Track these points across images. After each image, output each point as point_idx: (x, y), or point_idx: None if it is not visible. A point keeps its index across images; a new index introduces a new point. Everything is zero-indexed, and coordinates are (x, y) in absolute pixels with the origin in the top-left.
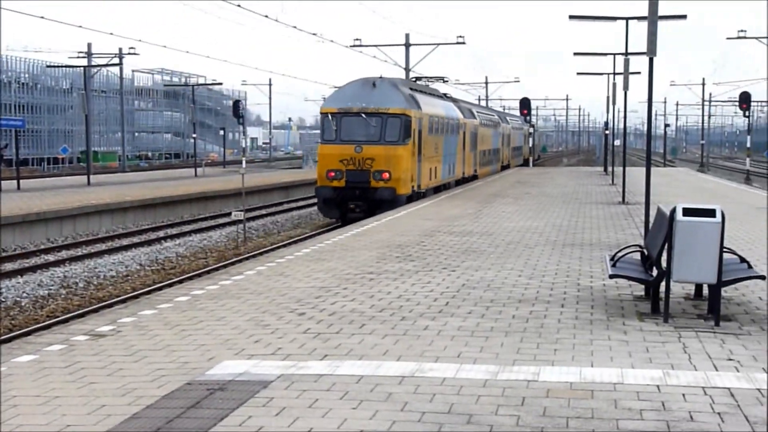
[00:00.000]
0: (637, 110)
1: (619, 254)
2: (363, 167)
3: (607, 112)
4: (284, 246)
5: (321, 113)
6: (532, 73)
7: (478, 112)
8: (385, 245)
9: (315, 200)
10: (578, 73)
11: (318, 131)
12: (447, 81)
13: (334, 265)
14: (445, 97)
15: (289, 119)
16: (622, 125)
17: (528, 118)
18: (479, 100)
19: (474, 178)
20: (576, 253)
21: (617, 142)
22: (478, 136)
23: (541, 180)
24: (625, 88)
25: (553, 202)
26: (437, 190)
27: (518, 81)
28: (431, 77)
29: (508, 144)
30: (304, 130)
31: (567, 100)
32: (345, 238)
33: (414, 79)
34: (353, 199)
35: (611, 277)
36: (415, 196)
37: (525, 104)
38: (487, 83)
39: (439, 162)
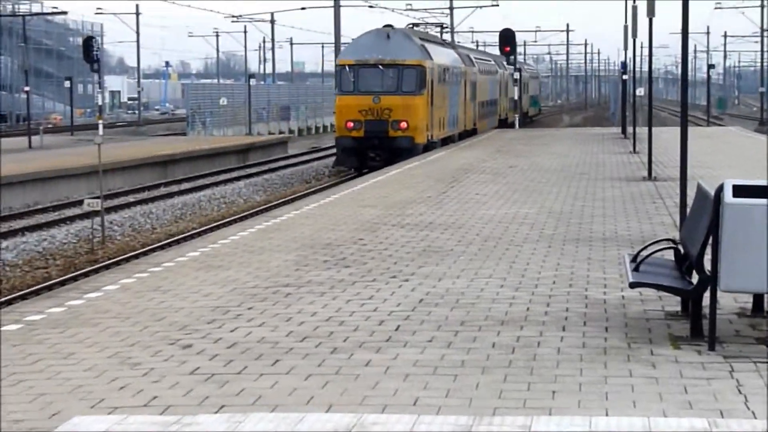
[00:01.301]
0: (668, 45)
1: (644, 253)
2: (381, 117)
3: (625, 48)
4: (161, 248)
5: (337, 65)
6: None
7: (476, 58)
8: (308, 245)
9: (223, 177)
10: None
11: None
12: (446, 27)
13: (235, 275)
14: (446, 44)
15: (167, 64)
16: (646, 67)
17: (512, 57)
18: (441, 32)
19: (474, 132)
20: (582, 251)
21: (640, 92)
22: (477, 86)
23: (532, 148)
24: (650, 13)
25: (550, 178)
26: (445, 142)
27: (497, 5)
28: (430, 23)
29: (506, 94)
30: (188, 80)
31: (567, 31)
32: (249, 235)
33: (411, 26)
34: (372, 148)
35: (633, 285)
36: (430, 146)
37: (507, 38)
38: (452, 9)
39: (446, 113)
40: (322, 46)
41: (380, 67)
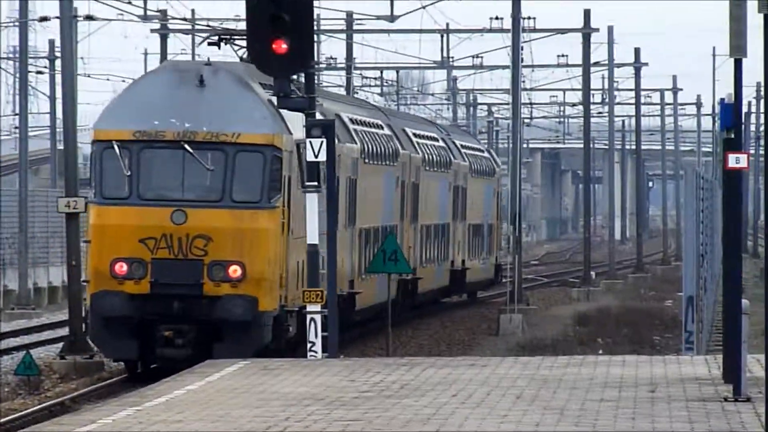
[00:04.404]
0: None
1: None
2: (189, 254)
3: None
4: None
5: (95, 141)
6: None
7: (353, 123)
8: None
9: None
10: None
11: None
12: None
13: None
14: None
15: None
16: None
17: (307, 78)
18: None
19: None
20: None
21: None
22: (366, 190)
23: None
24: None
25: None
26: (302, 318)
27: None
28: None
29: (461, 215)
30: None
31: (587, 32)
32: None
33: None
34: (169, 318)
35: None
36: (282, 320)
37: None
38: None
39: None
40: None
41: (187, 147)
